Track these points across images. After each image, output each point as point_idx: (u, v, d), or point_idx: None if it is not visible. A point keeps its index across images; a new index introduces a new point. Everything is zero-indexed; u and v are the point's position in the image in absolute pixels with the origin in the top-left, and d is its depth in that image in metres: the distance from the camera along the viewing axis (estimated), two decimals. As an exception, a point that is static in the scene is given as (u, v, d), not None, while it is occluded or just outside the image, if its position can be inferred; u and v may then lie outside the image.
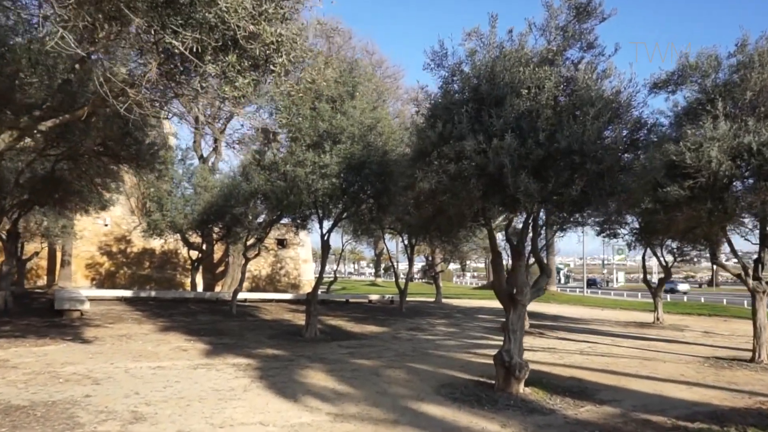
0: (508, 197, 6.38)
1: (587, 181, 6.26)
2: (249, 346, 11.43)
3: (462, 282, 74.63)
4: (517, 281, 7.45)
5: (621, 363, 10.56)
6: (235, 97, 4.66)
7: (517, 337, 7.63)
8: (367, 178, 10.75)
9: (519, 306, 7.62)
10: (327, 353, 10.86)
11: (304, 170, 10.74)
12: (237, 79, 4.52)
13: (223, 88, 4.62)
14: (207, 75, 4.63)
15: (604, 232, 19.47)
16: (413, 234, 20.58)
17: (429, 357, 10.75)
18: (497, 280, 7.78)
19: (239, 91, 4.56)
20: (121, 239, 32.67)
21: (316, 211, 12.42)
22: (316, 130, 11.05)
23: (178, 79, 5.02)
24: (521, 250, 7.31)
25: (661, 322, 19.25)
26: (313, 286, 13.23)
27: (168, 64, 4.91)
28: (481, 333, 15.38)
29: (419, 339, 13.64)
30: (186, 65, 4.74)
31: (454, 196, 6.64)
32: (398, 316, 20.02)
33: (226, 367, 8.97)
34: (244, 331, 14.02)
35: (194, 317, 17.48)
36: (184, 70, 4.87)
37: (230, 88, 4.54)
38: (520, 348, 7.66)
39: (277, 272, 35.90)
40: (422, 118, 7.48)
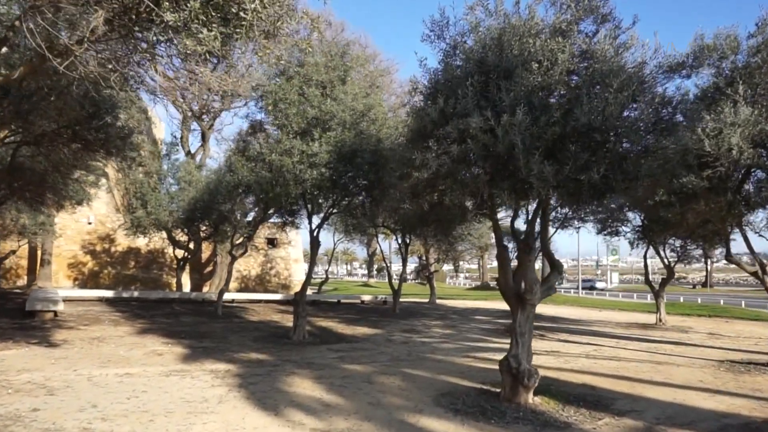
0: (519, 182, 5.60)
1: (609, 163, 5.49)
2: (231, 350, 10.59)
3: (455, 283, 73.87)
4: (526, 279, 6.66)
5: (632, 367, 9.81)
6: (200, 55, 3.85)
7: (525, 340, 6.85)
8: (359, 167, 9.94)
9: (527, 306, 6.84)
10: (315, 357, 10.04)
11: (291, 159, 9.92)
12: (201, 32, 3.71)
13: (184, 41, 3.80)
14: (166, 26, 3.81)
15: (605, 230, 18.82)
16: (408, 230, 19.79)
17: (426, 362, 9.96)
18: (503, 278, 6.99)
19: (203, 46, 3.75)
20: (105, 238, 31.64)
21: (304, 204, 11.59)
22: (304, 117, 10.23)
23: (133, 33, 4.19)
24: (531, 243, 6.54)
25: (663, 324, 18.58)
26: (302, 285, 12.40)
27: (121, 18, 4.09)
28: (479, 335, 14.61)
29: (414, 342, 12.84)
30: (142, 17, 3.92)
31: (457, 181, 5.85)
32: (392, 318, 19.21)
33: (202, 374, 8.12)
34: (228, 334, 13.15)
35: (177, 319, 16.59)
36: (138, 21, 4.04)
37: (192, 41, 3.73)
38: (529, 353, 6.89)
39: (267, 272, 34.98)
40: (420, 97, 6.69)
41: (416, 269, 55.54)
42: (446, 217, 8.15)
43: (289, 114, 10.19)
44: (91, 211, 30.53)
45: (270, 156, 10.05)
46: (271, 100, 10.30)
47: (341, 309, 22.44)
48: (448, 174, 5.90)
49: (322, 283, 28.57)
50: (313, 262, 12.44)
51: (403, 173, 7.92)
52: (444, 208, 7.84)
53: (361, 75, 11.73)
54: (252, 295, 25.83)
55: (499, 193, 5.55)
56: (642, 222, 17.93)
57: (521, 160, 5.39)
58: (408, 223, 19.20)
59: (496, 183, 5.69)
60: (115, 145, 8.42)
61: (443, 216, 8.05)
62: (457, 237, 23.77)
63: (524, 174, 5.44)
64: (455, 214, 7.94)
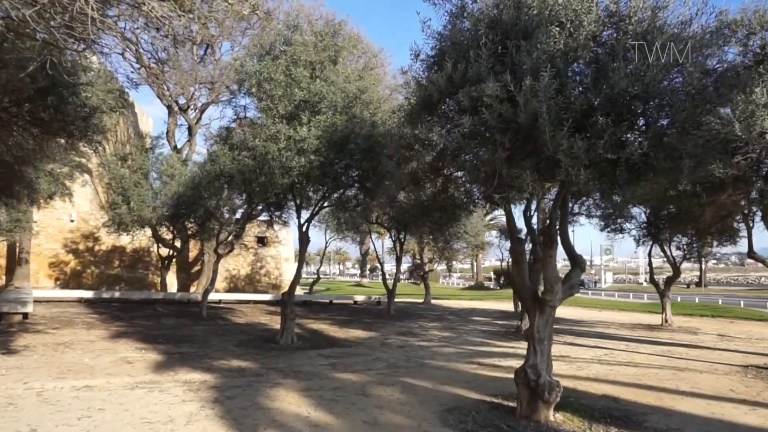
0: (544, 160, 4.68)
1: (651, 138, 4.59)
2: (211, 356, 9.61)
3: (448, 283, 73.05)
4: (546, 277, 5.74)
5: (652, 374, 8.94)
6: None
7: (544, 348, 5.94)
8: (352, 154, 8.98)
9: (547, 308, 5.93)
10: (304, 365, 9.08)
11: (276, 146, 8.96)
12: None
13: None
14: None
15: (609, 227, 17.99)
16: (404, 226, 18.84)
17: (426, 369, 9.03)
18: (519, 276, 6.07)
19: None
20: (88, 236, 30.46)
21: (292, 196, 10.62)
22: (291, 99, 9.27)
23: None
24: (553, 236, 5.62)
25: (670, 324, 17.79)
26: (290, 285, 11.43)
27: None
28: (480, 338, 13.70)
29: (412, 346, 11.91)
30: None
31: (468, 162, 4.92)
32: (386, 319, 18.28)
33: (174, 386, 7.13)
34: (210, 337, 12.16)
35: (157, 321, 15.57)
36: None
37: None
38: (549, 362, 5.98)
39: (257, 272, 33.90)
40: (422, 67, 5.75)
41: (410, 269, 54.76)
42: (450, 207, 7.17)
43: (274, 96, 9.22)
44: (74, 209, 29.40)
45: (253, 142, 9.07)
46: (254, 80, 9.32)
47: (333, 310, 21.48)
48: (458, 152, 4.97)
49: (314, 283, 27.62)
50: (302, 259, 11.48)
51: (402, 157, 6.99)
52: (450, 197, 6.89)
53: (353, 56, 10.78)
54: (240, 295, 24.82)
55: (519, 173, 4.63)
56: (648, 218, 17.14)
57: (547, 132, 4.47)
58: (403, 219, 18.29)
59: (515, 162, 4.76)
60: (77, 126, 7.43)
61: (449, 206, 7.08)
62: (453, 235, 22.92)
63: (551, 150, 4.52)
64: (461, 203, 6.98)
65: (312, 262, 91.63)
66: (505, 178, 4.76)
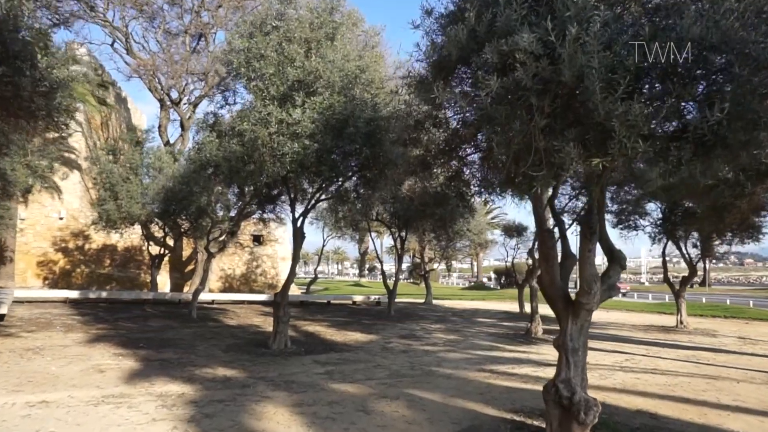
0: (592, 129, 3.76)
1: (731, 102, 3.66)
2: (195, 363, 8.68)
3: (448, 282, 72.14)
4: (584, 275, 4.83)
5: (684, 384, 8.03)
6: None
7: (579, 359, 5.03)
8: (351, 139, 8.04)
9: (582, 313, 5.02)
10: (297, 374, 8.15)
11: (267, 130, 8.03)
12: None
13: None
14: None
15: (622, 223, 17.11)
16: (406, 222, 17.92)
17: (433, 378, 8.10)
18: (548, 275, 5.15)
19: None
20: (78, 234, 29.49)
21: (285, 188, 9.69)
22: (283, 79, 8.33)
23: None
24: (594, 225, 4.70)
25: (685, 326, 16.91)
26: (283, 285, 10.51)
27: None
28: (489, 341, 12.79)
29: (416, 350, 10.99)
30: None
31: (496, 134, 3.99)
32: (387, 320, 17.36)
33: (145, 400, 6.20)
34: (197, 341, 11.22)
35: (144, 322, 14.64)
36: None
37: None
38: (584, 376, 5.06)
39: (252, 271, 32.95)
40: (436, 24, 4.82)
41: (409, 268, 53.85)
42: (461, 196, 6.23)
43: (265, 75, 8.29)
44: (63, 206, 28.47)
45: (241, 125, 8.14)
46: (243, 57, 8.38)
47: (331, 311, 20.55)
48: (483, 123, 4.03)
49: (311, 283, 26.70)
50: (296, 256, 10.54)
51: (409, 139, 6.05)
52: (461, 184, 5.98)
53: (353, 35, 9.84)
54: (234, 295, 23.90)
55: (560, 146, 3.72)
56: (664, 214, 16.25)
57: (597, 94, 3.55)
58: (405, 215, 17.38)
59: (555, 132, 3.84)
60: (37, 104, 6.50)
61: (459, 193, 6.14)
62: (457, 233, 22.02)
63: (601, 116, 3.60)
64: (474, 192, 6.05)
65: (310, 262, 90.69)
66: (542, 153, 3.83)
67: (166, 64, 22.60)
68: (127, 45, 23.78)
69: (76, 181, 28.93)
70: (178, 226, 20.58)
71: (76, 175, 28.89)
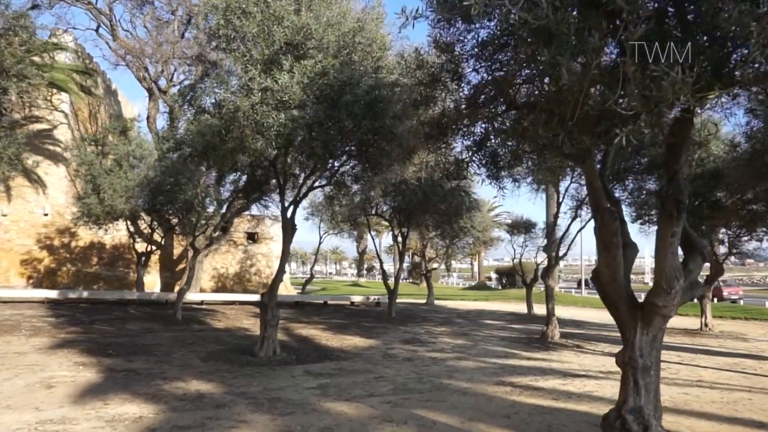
0: (714, 43, 2.49)
1: None
2: (166, 375, 7.40)
3: (448, 282, 70.81)
4: (663, 268, 3.57)
5: (745, 401, 6.78)
6: None
7: (651, 381, 3.78)
8: (349, 110, 6.76)
9: (656, 319, 3.77)
10: (285, 388, 6.88)
11: (249, 99, 6.75)
12: None
13: None
14: None
15: (642, 217, 15.85)
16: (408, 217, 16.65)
17: (447, 394, 6.83)
18: (609, 269, 3.89)
19: None
20: (64, 231, 28.15)
21: (273, 171, 8.41)
22: (269, 41, 7.05)
23: None
24: (682, 199, 3.45)
25: (710, 329, 15.67)
26: (271, 283, 9.24)
27: None
28: (501, 347, 11.51)
29: (422, 358, 9.71)
30: None
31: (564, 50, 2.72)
32: (388, 323, 16.08)
33: (91, 427, 4.92)
34: (176, 347, 9.94)
35: (122, 325, 13.37)
36: None
37: None
38: (657, 404, 3.80)
39: (246, 270, 31.64)
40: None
41: (408, 268, 52.56)
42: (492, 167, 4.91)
43: (247, 35, 7.00)
44: (48, 201, 27.17)
45: (218, 93, 6.86)
46: (220, 14, 7.10)
47: (328, 312, 19.26)
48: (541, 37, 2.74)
49: (307, 282, 25.38)
50: (286, 250, 9.27)
51: (420, 97, 4.79)
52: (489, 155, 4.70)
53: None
54: (225, 295, 22.64)
55: (661, 71, 2.46)
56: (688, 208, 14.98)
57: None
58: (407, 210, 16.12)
59: (652, 50, 2.58)
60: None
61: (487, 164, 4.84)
62: (461, 230, 20.73)
63: (730, 22, 2.34)
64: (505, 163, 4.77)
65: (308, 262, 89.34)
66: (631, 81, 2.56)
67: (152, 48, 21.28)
68: (112, 29, 22.48)
69: (62, 175, 27.62)
70: (166, 221, 19.29)
71: (62, 169, 27.59)
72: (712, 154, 12.77)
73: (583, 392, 7.05)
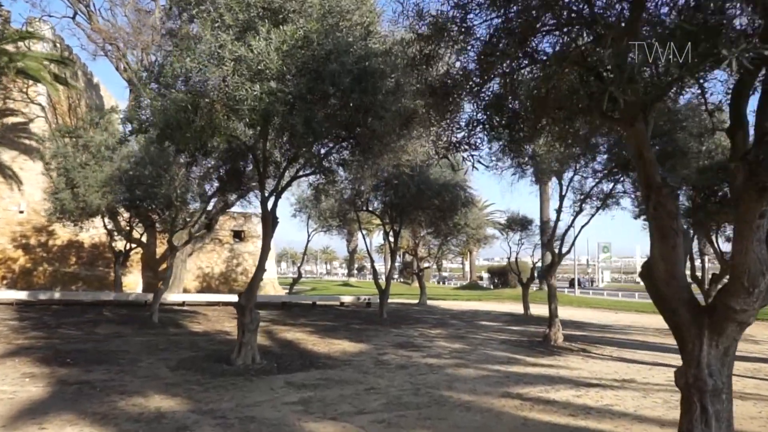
0: None
1: None
2: (125, 389, 6.44)
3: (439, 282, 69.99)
4: (746, 261, 2.71)
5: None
6: None
7: (722, 409, 2.92)
8: (334, 81, 5.84)
9: (729, 327, 2.92)
10: (262, 403, 5.96)
11: (219, 70, 5.82)
12: None
13: None
14: None
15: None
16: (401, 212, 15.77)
17: (448, 410, 5.94)
18: (666, 261, 3.04)
19: None
20: (41, 230, 26.94)
21: (250, 156, 7.47)
22: (243, 3, 6.12)
23: None
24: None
25: (718, 330, 14.93)
26: (249, 283, 8.31)
27: None
28: (502, 351, 10.65)
29: (418, 365, 8.81)
30: None
31: None
32: (379, 325, 15.18)
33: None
34: (144, 354, 8.97)
35: (91, 329, 12.37)
36: None
37: None
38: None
39: (233, 269, 30.55)
40: None
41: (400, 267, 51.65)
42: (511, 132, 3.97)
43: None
44: (23, 198, 25.95)
45: (184, 62, 5.91)
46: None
47: (316, 313, 18.31)
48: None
49: (295, 281, 24.41)
50: (266, 246, 8.33)
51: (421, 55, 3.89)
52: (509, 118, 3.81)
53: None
54: (208, 296, 21.61)
55: None
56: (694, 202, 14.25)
57: None
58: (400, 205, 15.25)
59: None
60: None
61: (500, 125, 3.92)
62: (455, 226, 19.86)
63: None
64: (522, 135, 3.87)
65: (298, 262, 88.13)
66: None
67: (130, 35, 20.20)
68: (89, 15, 21.35)
69: (38, 171, 26.42)
70: (146, 217, 18.23)
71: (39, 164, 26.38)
72: (721, 146, 12.09)
73: (602, 406, 6.20)
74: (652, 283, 3.18)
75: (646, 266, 3.24)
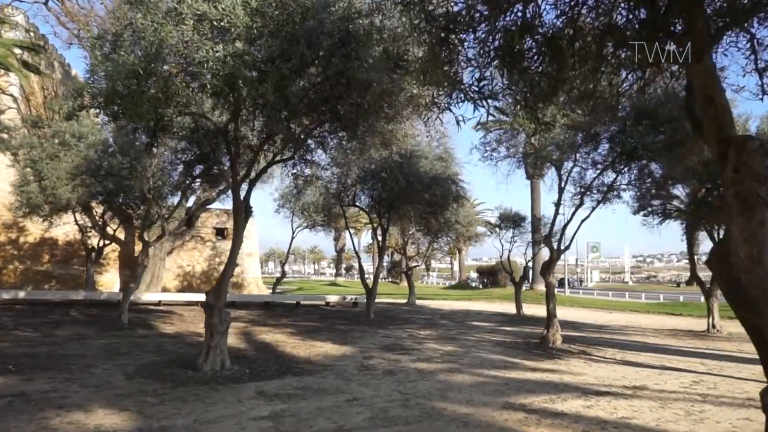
0: None
1: None
2: (68, 401, 5.53)
3: (427, 282, 69.24)
4: None
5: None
6: None
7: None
8: (312, 43, 4.98)
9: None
10: (225, 418, 5.08)
11: (177, 29, 4.94)
12: None
13: None
14: None
15: (644, 208, 14.46)
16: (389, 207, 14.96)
17: (442, 424, 5.10)
18: (750, 243, 2.22)
19: None
20: (11, 226, 25.74)
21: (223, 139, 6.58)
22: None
23: None
24: None
25: (719, 331, 14.38)
26: (218, 280, 7.42)
27: None
28: (498, 354, 9.86)
29: (406, 370, 7.97)
30: None
31: None
32: (365, 325, 14.33)
33: None
34: (101, 359, 8.04)
35: (52, 330, 11.42)
36: None
37: None
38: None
39: (215, 268, 29.43)
40: None
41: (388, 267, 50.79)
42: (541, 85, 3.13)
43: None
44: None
45: (137, 20, 5.02)
46: None
47: (300, 314, 17.41)
48: None
49: (278, 281, 23.48)
50: (237, 239, 7.43)
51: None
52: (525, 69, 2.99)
53: None
54: (185, 295, 20.62)
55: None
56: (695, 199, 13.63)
57: None
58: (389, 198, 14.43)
59: None
60: None
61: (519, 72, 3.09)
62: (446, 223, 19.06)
63: None
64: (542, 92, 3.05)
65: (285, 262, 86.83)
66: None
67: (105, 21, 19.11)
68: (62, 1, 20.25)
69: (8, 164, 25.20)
70: (120, 212, 17.16)
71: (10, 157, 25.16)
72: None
73: (619, 419, 5.41)
74: (727, 271, 2.38)
75: (718, 249, 2.44)
